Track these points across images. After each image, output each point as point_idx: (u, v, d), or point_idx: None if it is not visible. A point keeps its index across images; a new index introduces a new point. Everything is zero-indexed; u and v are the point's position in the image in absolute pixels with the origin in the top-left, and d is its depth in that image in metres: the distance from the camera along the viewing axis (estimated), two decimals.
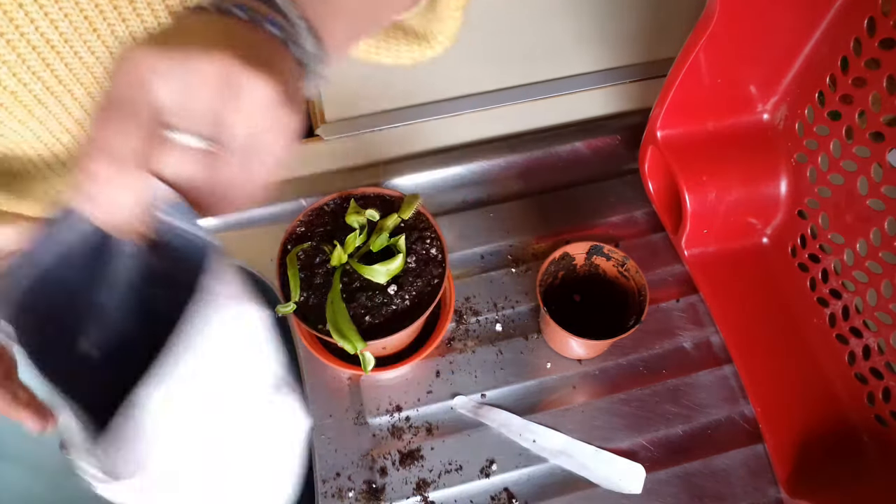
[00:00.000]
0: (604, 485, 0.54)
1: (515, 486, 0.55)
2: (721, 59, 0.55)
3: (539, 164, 0.71)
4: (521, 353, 0.60)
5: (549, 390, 0.59)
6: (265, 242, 0.65)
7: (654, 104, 0.61)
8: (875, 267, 0.50)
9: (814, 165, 0.56)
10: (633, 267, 0.56)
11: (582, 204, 0.68)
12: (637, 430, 0.57)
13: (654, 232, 0.67)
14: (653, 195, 0.67)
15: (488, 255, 0.66)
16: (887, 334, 0.50)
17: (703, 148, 0.61)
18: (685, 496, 0.54)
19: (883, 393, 0.51)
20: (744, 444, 0.56)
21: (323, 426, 0.57)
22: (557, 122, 0.73)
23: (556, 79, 0.76)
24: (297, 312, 0.51)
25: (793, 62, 0.56)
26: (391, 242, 0.53)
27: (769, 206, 0.61)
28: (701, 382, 0.59)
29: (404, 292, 0.52)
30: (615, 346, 0.60)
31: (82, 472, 0.28)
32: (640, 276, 0.55)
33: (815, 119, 0.55)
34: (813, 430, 0.55)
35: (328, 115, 0.74)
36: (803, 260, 0.59)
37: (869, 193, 0.50)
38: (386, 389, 0.59)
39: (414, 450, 0.56)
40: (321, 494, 0.54)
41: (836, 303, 0.55)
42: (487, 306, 0.63)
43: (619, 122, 0.73)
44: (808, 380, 0.57)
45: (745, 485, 0.55)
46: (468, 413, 0.58)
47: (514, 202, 0.69)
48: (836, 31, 0.52)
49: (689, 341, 0.61)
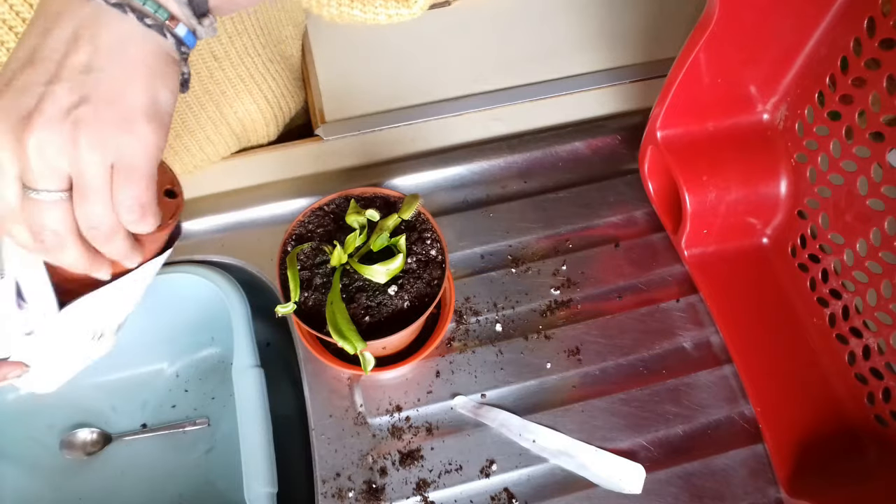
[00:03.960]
0: (604, 485, 0.54)
1: (515, 486, 0.55)
2: (721, 59, 0.55)
3: (539, 164, 0.71)
4: (521, 353, 0.60)
5: (549, 390, 0.59)
6: (265, 242, 0.65)
7: (654, 104, 0.61)
8: (875, 267, 0.50)
9: (814, 165, 0.56)
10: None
11: (582, 204, 0.68)
12: (637, 430, 0.57)
13: (654, 232, 0.67)
14: (653, 195, 0.67)
15: (488, 255, 0.66)
16: (887, 334, 0.50)
17: (703, 148, 0.61)
18: (685, 496, 0.54)
19: (883, 393, 0.51)
20: (744, 444, 0.56)
21: (323, 426, 0.57)
22: (557, 122, 0.73)
23: (556, 79, 0.76)
24: (297, 312, 0.51)
25: (793, 62, 0.56)
26: (391, 243, 0.53)
27: (769, 206, 0.61)
28: (701, 382, 0.59)
29: (404, 292, 0.52)
30: (615, 346, 0.60)
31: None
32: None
33: (815, 119, 0.55)
34: (813, 430, 0.55)
35: (328, 115, 0.74)
36: (803, 260, 0.59)
37: (869, 193, 0.50)
38: (386, 389, 0.59)
39: (414, 450, 0.56)
40: (321, 494, 0.54)
41: (836, 303, 0.55)
42: (487, 306, 0.63)
43: (619, 122, 0.73)
44: (808, 380, 0.57)
45: (745, 485, 0.55)
46: (468, 413, 0.58)
47: (514, 202, 0.69)
48: (836, 31, 0.52)
49: (689, 341, 0.61)
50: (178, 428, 0.69)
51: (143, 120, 0.33)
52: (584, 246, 0.66)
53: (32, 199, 0.32)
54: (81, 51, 0.32)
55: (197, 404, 0.71)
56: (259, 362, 0.59)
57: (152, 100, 0.33)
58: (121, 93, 0.32)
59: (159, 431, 0.69)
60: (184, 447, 0.69)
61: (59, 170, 0.31)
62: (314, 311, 0.51)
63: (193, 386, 0.72)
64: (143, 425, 0.70)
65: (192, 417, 0.70)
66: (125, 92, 0.32)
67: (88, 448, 0.68)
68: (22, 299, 0.37)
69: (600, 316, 0.62)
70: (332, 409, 0.58)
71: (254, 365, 0.58)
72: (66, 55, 0.32)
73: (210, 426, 0.69)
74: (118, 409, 0.71)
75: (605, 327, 0.62)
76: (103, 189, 0.32)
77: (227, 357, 0.73)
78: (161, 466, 0.68)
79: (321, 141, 0.72)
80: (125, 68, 0.33)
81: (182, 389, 0.72)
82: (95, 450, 0.68)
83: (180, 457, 0.68)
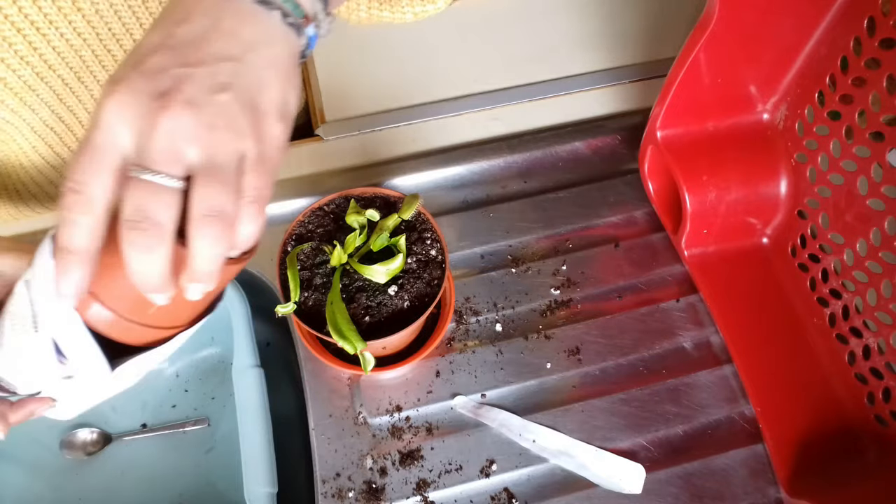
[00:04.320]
0: (604, 485, 0.54)
1: (515, 486, 0.55)
2: (721, 59, 0.55)
3: (539, 164, 0.71)
4: (521, 353, 0.60)
5: (549, 390, 0.59)
6: (265, 242, 0.65)
7: (654, 104, 0.61)
8: (875, 267, 0.50)
9: (814, 165, 0.56)
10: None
11: (582, 204, 0.68)
12: (637, 430, 0.57)
13: (654, 232, 0.67)
14: (653, 195, 0.67)
15: (488, 255, 0.66)
16: (887, 334, 0.50)
17: (703, 148, 0.61)
18: (685, 496, 0.54)
19: (883, 393, 0.51)
20: (744, 444, 0.56)
21: (323, 426, 0.57)
22: (557, 122, 0.73)
23: (556, 79, 0.76)
24: (297, 312, 0.51)
25: (793, 62, 0.56)
26: (391, 243, 0.53)
27: (769, 206, 0.61)
28: (701, 382, 0.59)
29: (404, 292, 0.52)
30: (615, 346, 0.60)
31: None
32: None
33: (815, 119, 0.55)
34: (813, 430, 0.55)
35: (328, 115, 0.74)
36: (803, 260, 0.59)
37: (869, 193, 0.50)
38: (386, 389, 0.59)
39: (414, 450, 0.56)
40: (321, 494, 0.54)
41: (836, 303, 0.55)
42: (487, 306, 0.63)
43: (619, 122, 0.73)
44: (808, 380, 0.57)
45: (745, 485, 0.55)
46: (468, 413, 0.58)
47: (514, 202, 0.69)
48: (836, 31, 0.52)
49: (689, 341, 0.61)
50: (178, 428, 0.69)
51: (276, 116, 0.32)
52: (584, 246, 0.66)
53: (145, 181, 0.29)
54: (223, 41, 0.31)
55: (197, 404, 0.71)
56: (259, 362, 0.59)
57: (284, 99, 0.33)
58: (259, 87, 0.32)
59: (159, 431, 0.69)
60: (184, 447, 0.69)
61: (183, 156, 0.30)
62: (314, 311, 0.51)
63: (193, 386, 0.72)
64: (143, 425, 0.70)
65: (192, 417, 0.70)
66: (263, 87, 0.32)
67: (88, 448, 0.68)
68: (62, 355, 0.35)
69: (600, 316, 0.62)
70: (332, 409, 0.58)
71: (254, 365, 0.58)
72: (207, 42, 0.31)
73: (210, 426, 0.69)
74: (118, 409, 0.71)
75: (605, 327, 0.62)
76: (233, 176, 0.31)
77: (227, 357, 0.73)
78: (161, 466, 0.68)
79: (321, 141, 0.72)
80: (265, 64, 0.32)
81: (182, 389, 0.72)
82: (95, 450, 0.68)
83: (180, 457, 0.68)
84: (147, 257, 0.30)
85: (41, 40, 0.47)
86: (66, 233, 0.30)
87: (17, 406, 0.41)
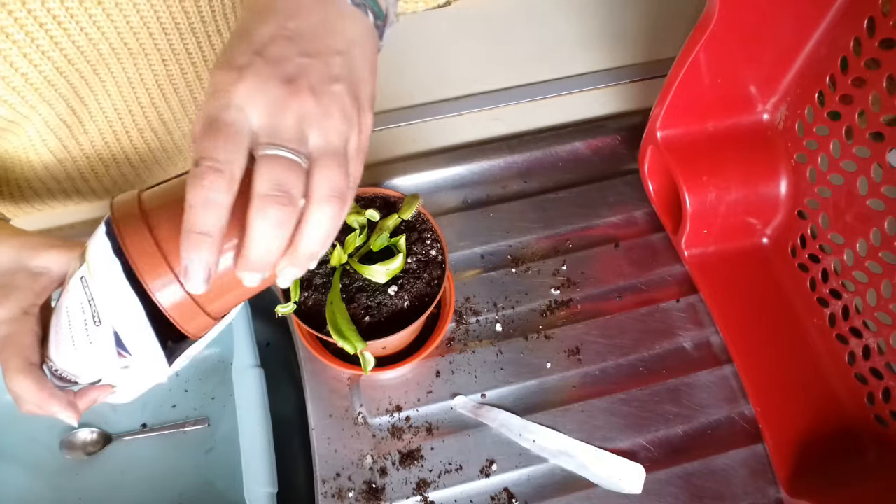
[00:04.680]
0: (604, 485, 0.54)
1: (515, 486, 0.55)
2: (721, 59, 0.55)
3: (539, 164, 0.71)
4: (521, 353, 0.60)
5: (549, 390, 0.59)
6: None
7: (654, 104, 0.61)
8: (875, 267, 0.50)
9: (814, 165, 0.56)
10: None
11: (582, 204, 0.68)
12: (637, 430, 0.57)
13: (654, 232, 0.67)
14: (653, 195, 0.67)
15: (488, 255, 0.66)
16: (887, 334, 0.50)
17: (703, 148, 0.61)
18: (685, 496, 0.54)
19: (883, 393, 0.51)
20: (744, 444, 0.56)
21: (323, 426, 0.57)
22: (557, 122, 0.73)
23: (556, 79, 0.76)
24: (297, 312, 0.51)
25: (793, 62, 0.56)
26: (391, 243, 0.53)
27: (769, 206, 0.61)
28: (701, 382, 0.59)
29: (404, 292, 0.52)
30: (615, 346, 0.60)
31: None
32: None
33: (815, 119, 0.55)
34: (813, 430, 0.55)
35: None
36: (803, 260, 0.59)
37: (869, 193, 0.50)
38: (386, 389, 0.59)
39: (414, 450, 0.56)
40: (321, 494, 0.54)
41: (836, 303, 0.55)
42: (487, 306, 0.63)
43: (619, 122, 0.73)
44: (808, 380, 0.57)
45: (745, 485, 0.55)
46: (468, 413, 0.58)
47: (514, 202, 0.69)
48: (836, 31, 0.52)
49: (689, 341, 0.61)
50: (178, 428, 0.69)
51: (370, 108, 0.36)
52: (584, 246, 0.66)
53: (282, 157, 0.31)
54: (333, 36, 0.34)
55: (197, 404, 0.71)
56: (259, 362, 0.59)
57: (374, 92, 0.36)
58: (363, 80, 0.35)
59: (159, 431, 0.69)
60: (184, 447, 0.69)
61: (306, 137, 0.32)
62: (314, 311, 0.51)
63: (193, 386, 0.72)
64: (143, 425, 0.70)
65: (192, 417, 0.70)
66: (364, 80, 0.35)
67: (88, 448, 0.68)
68: (122, 349, 0.35)
69: (600, 316, 0.62)
70: (332, 409, 0.58)
71: (254, 365, 0.58)
72: (320, 37, 0.34)
73: (210, 426, 0.69)
74: (118, 409, 0.71)
75: (605, 327, 0.62)
76: (345, 159, 0.33)
77: (227, 357, 0.73)
78: (161, 466, 0.68)
79: None
80: (365, 60, 0.36)
81: (182, 389, 0.72)
82: (95, 450, 0.68)
83: (180, 457, 0.68)
84: (277, 232, 0.31)
85: (62, 35, 0.47)
86: (201, 215, 0.30)
87: (80, 394, 0.42)
